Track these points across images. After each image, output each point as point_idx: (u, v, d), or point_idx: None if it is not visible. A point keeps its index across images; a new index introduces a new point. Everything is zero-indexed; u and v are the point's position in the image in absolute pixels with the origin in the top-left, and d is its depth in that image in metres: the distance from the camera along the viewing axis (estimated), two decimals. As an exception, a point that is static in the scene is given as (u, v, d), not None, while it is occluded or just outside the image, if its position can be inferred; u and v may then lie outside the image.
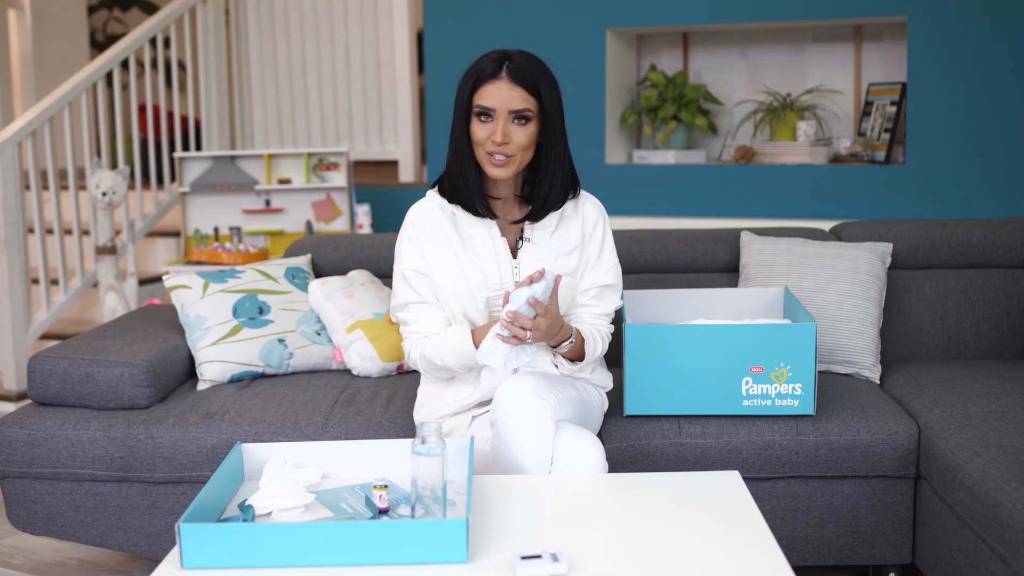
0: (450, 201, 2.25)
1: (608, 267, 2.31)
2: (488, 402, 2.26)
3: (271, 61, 5.71)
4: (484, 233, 2.25)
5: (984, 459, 2.09)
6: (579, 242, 2.28)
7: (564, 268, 2.25)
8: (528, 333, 2.07)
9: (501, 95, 2.13)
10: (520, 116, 2.14)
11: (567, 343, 2.20)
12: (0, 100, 6.32)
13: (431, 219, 2.26)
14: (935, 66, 3.95)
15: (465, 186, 2.22)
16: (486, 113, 2.14)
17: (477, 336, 2.17)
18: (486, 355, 2.10)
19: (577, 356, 2.25)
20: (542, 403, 2.04)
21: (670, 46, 4.58)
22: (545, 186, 2.22)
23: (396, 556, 1.63)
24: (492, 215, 2.24)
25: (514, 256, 2.26)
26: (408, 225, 2.28)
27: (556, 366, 2.27)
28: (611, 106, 4.41)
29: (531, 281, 2.06)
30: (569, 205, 2.29)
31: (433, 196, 2.29)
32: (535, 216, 2.25)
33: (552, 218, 2.27)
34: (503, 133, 2.13)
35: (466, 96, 2.16)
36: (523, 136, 2.15)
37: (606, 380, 2.38)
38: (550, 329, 2.10)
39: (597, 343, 2.26)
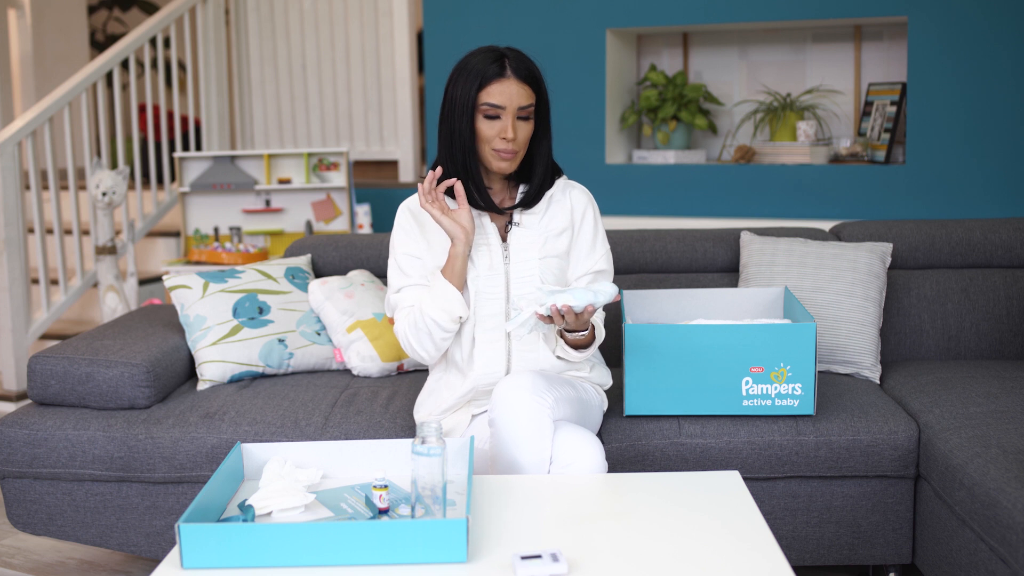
0: (448, 195, 2.28)
1: (602, 254, 2.35)
2: (481, 399, 2.28)
3: (271, 61, 5.71)
4: (475, 220, 2.28)
5: (984, 459, 2.09)
6: (567, 225, 2.31)
7: (553, 250, 2.28)
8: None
9: (510, 93, 2.18)
10: (525, 113, 2.20)
11: (581, 333, 2.22)
12: (0, 100, 6.32)
13: (422, 210, 2.29)
14: (935, 66, 3.95)
15: (467, 181, 2.24)
16: (495, 111, 2.18)
17: (447, 271, 2.19)
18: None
19: (584, 344, 2.26)
20: (540, 402, 2.05)
21: (670, 46, 4.58)
22: (537, 177, 2.27)
23: (396, 556, 1.63)
24: (496, 209, 2.27)
25: (503, 240, 2.28)
26: (400, 216, 2.32)
27: (558, 357, 2.27)
28: (611, 106, 4.41)
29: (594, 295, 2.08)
30: (557, 189, 2.33)
31: None
32: (527, 204, 2.29)
33: (540, 203, 2.30)
34: (513, 129, 2.18)
35: (471, 95, 2.19)
36: (527, 131, 2.22)
37: (605, 378, 2.38)
38: (579, 324, 2.14)
39: (601, 331, 2.30)
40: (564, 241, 2.31)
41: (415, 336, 2.23)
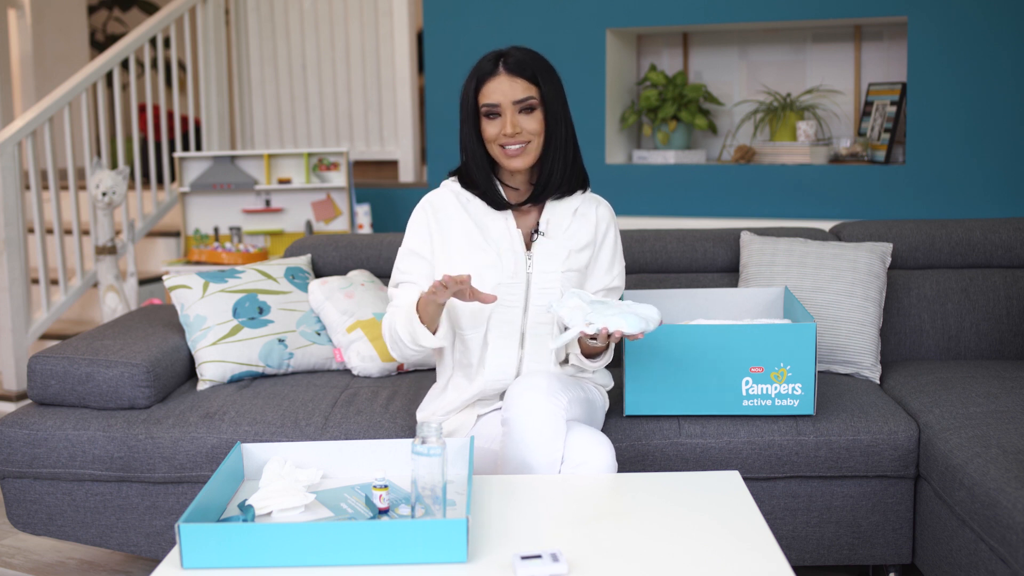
0: (470, 190, 2.27)
1: (618, 271, 2.34)
2: (488, 399, 2.27)
3: (271, 61, 5.71)
4: (500, 224, 2.26)
5: (984, 459, 2.09)
6: (591, 240, 2.30)
7: (575, 264, 2.27)
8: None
9: (503, 89, 2.17)
10: (525, 105, 2.18)
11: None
12: (0, 100, 6.32)
13: (446, 205, 2.27)
14: (935, 66, 3.95)
15: (485, 181, 2.25)
16: (493, 111, 2.18)
17: (420, 306, 2.14)
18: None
19: (599, 353, 2.26)
20: (555, 403, 2.05)
21: (670, 46, 4.59)
22: (546, 169, 2.24)
23: (396, 556, 1.63)
24: (508, 205, 2.26)
25: (528, 249, 2.27)
26: (419, 209, 2.29)
27: (572, 364, 2.27)
28: (611, 106, 4.41)
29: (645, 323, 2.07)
30: (583, 204, 2.31)
31: (450, 184, 2.30)
32: (536, 198, 2.26)
33: (566, 214, 2.28)
34: (512, 124, 2.17)
35: (471, 98, 2.20)
36: (533, 123, 2.19)
37: (607, 379, 2.39)
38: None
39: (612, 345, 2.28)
40: (586, 256, 2.29)
41: (389, 341, 2.22)
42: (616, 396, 2.51)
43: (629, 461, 2.39)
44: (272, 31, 5.69)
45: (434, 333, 2.17)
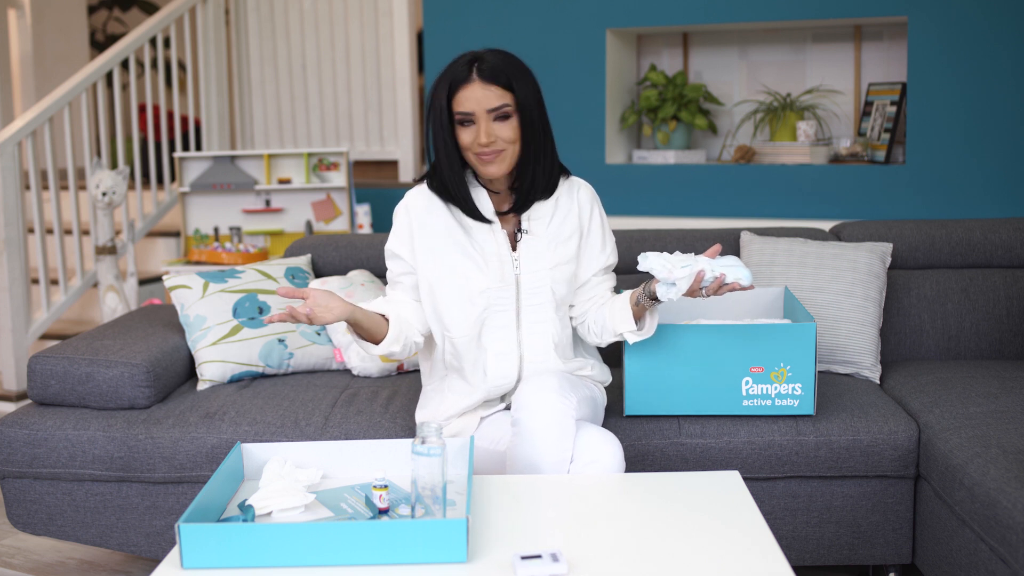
0: (445, 201, 2.25)
1: (611, 249, 2.33)
2: (493, 402, 2.27)
3: (271, 61, 5.71)
4: (484, 226, 2.24)
5: (984, 459, 2.09)
6: (576, 229, 2.28)
7: (562, 256, 2.26)
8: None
9: (476, 97, 2.13)
10: (500, 113, 2.14)
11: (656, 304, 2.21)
12: (0, 100, 6.32)
13: (430, 205, 2.25)
14: (935, 66, 3.95)
15: (460, 194, 2.21)
16: (467, 118, 2.14)
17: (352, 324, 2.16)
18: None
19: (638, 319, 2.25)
20: (565, 403, 2.05)
21: (670, 46, 4.59)
22: (528, 178, 2.21)
23: (396, 556, 1.63)
24: (488, 221, 2.23)
25: (513, 248, 2.26)
26: (403, 209, 2.27)
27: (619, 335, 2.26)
28: (611, 106, 4.41)
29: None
30: (562, 193, 2.28)
31: (425, 188, 2.27)
32: (519, 208, 2.24)
33: (547, 208, 2.26)
34: (486, 133, 2.13)
35: (443, 104, 2.15)
36: (507, 131, 2.15)
37: (605, 375, 2.39)
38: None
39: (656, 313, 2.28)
40: (573, 245, 2.28)
41: None
42: (616, 396, 2.51)
43: (629, 461, 2.39)
44: (272, 31, 5.69)
45: (378, 343, 2.20)
